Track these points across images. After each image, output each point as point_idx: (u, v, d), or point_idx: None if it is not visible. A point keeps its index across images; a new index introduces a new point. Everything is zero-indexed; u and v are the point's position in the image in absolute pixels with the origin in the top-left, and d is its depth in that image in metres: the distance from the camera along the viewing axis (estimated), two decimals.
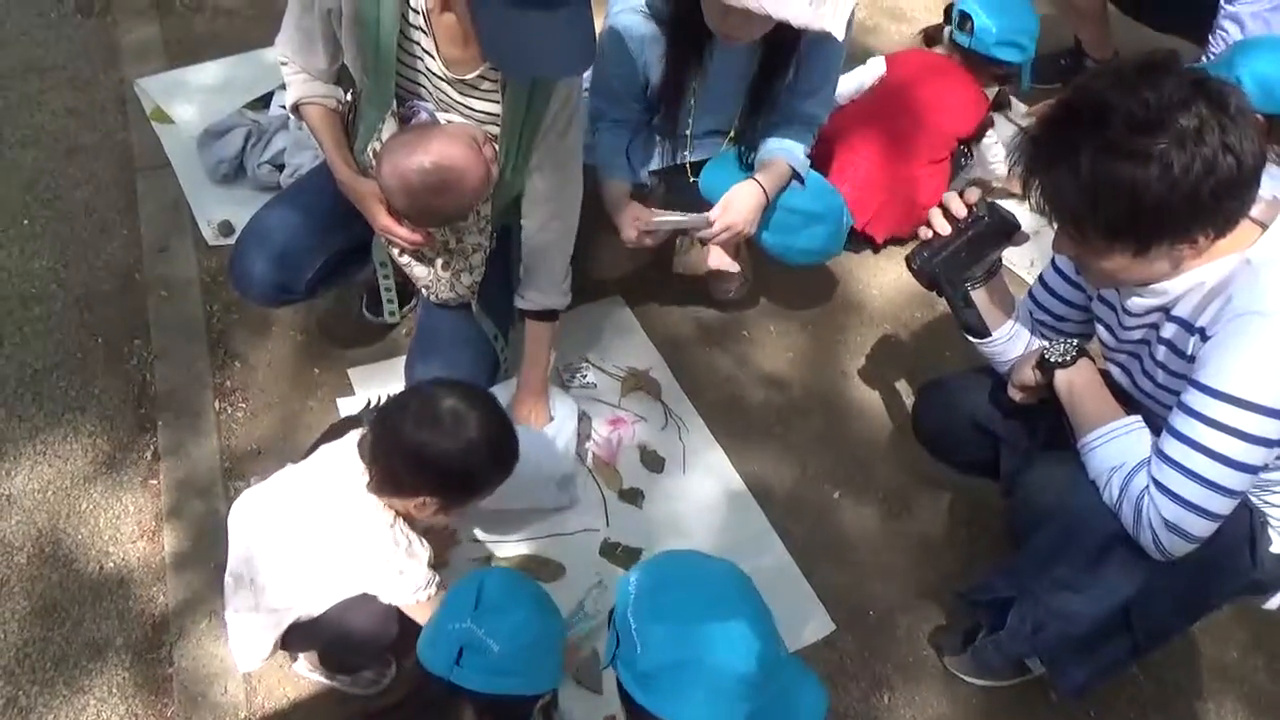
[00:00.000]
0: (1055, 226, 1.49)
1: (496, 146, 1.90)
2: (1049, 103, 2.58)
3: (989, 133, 2.85)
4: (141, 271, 2.60)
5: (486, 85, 1.88)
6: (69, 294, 2.55)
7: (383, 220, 1.95)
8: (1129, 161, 1.34)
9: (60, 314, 2.50)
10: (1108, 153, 1.35)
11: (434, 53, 1.86)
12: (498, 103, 1.90)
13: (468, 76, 1.87)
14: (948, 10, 2.87)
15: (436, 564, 1.72)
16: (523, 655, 1.45)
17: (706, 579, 1.35)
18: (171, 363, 2.39)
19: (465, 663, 1.42)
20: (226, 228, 2.69)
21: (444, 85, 1.90)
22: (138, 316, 2.50)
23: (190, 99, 3.08)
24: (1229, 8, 2.64)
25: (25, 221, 2.72)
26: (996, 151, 2.84)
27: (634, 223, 2.25)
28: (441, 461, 1.59)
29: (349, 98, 2.05)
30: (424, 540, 1.69)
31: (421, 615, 1.64)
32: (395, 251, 2.12)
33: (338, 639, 1.72)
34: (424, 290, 2.18)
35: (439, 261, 2.10)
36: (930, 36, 2.92)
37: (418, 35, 1.85)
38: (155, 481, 2.18)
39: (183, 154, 2.90)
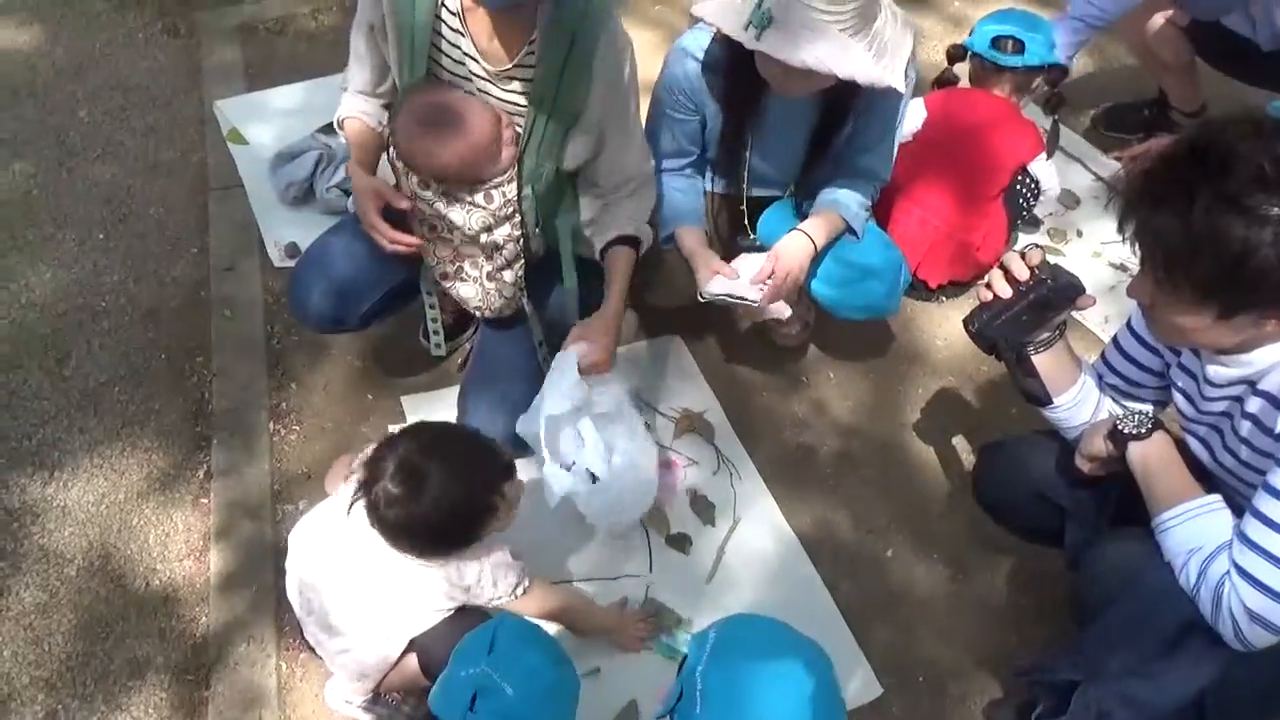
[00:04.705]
0: (1139, 269, 1.41)
1: (519, 130, 1.94)
2: (1160, 144, 2.53)
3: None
4: (208, 290, 2.65)
5: (522, 74, 1.90)
6: (137, 309, 2.60)
7: (371, 217, 1.96)
8: (1244, 218, 1.26)
9: (127, 329, 2.55)
10: (1225, 203, 1.27)
11: (474, 54, 1.89)
12: None
13: (505, 67, 1.89)
14: (951, 53, 2.86)
15: None
16: (537, 700, 1.43)
17: (783, 658, 1.35)
18: (230, 381, 2.42)
19: (479, 708, 1.40)
20: (293, 249, 2.72)
21: (487, 84, 1.93)
22: (201, 335, 2.53)
23: (266, 121, 3.14)
24: None
25: (100, 235, 2.79)
26: (1048, 170, 2.76)
27: (710, 272, 2.21)
28: (416, 530, 1.58)
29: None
30: (499, 541, 1.71)
31: (529, 608, 1.75)
32: (438, 274, 2.11)
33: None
34: (477, 311, 2.17)
35: (478, 272, 2.08)
36: (946, 81, 2.87)
37: (455, 37, 1.89)
38: (206, 500, 2.20)
39: (255, 175, 2.95)
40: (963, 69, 2.88)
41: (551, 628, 1.96)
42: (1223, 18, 2.79)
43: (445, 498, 1.56)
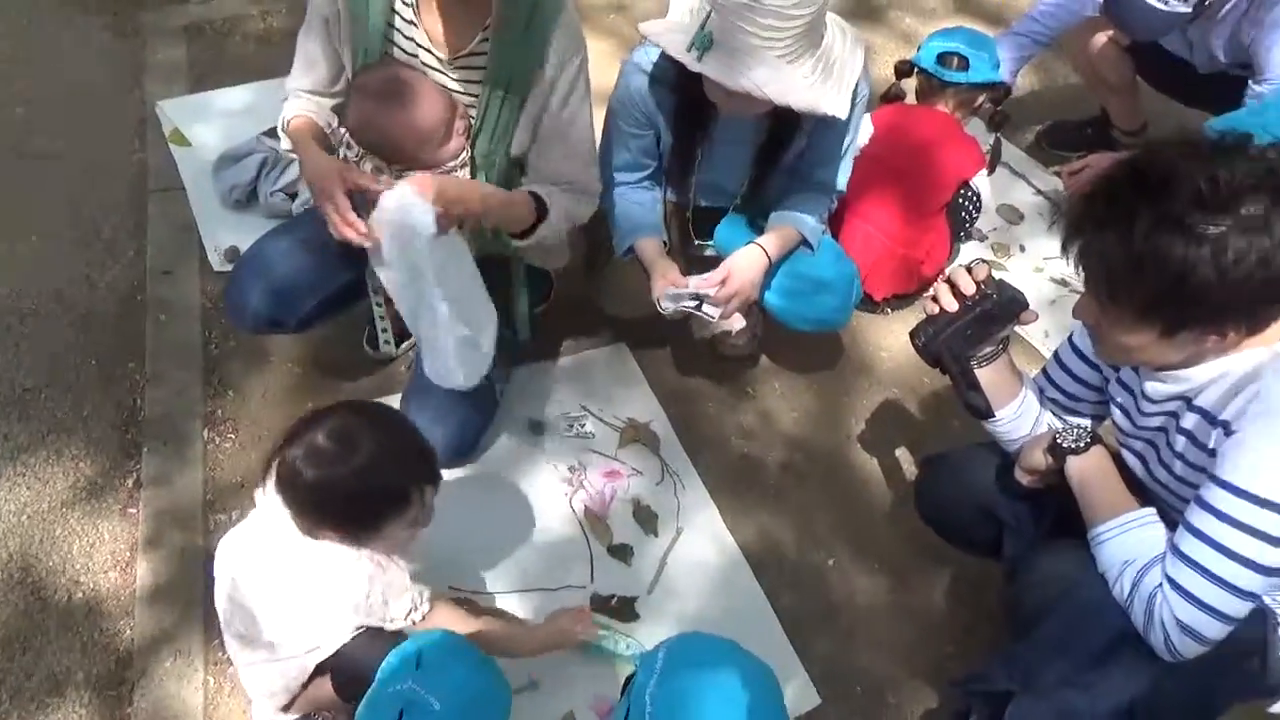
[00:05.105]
0: (1083, 290, 1.43)
1: (473, 119, 1.93)
2: (1101, 160, 2.57)
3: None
4: (144, 293, 2.58)
5: (476, 62, 1.90)
6: (69, 312, 2.53)
7: (336, 193, 1.84)
8: (1184, 237, 1.27)
9: (57, 332, 2.48)
10: (1166, 224, 1.28)
11: (427, 44, 1.90)
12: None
13: (458, 55, 1.90)
14: (899, 68, 2.89)
15: None
16: (466, 715, 1.42)
17: (733, 679, 1.37)
18: (163, 388, 2.36)
19: None
20: (234, 253, 2.67)
21: (440, 74, 1.93)
22: (135, 340, 2.47)
23: (210, 123, 3.08)
24: (1256, 87, 2.66)
25: (34, 237, 2.72)
26: (987, 185, 2.80)
27: (663, 283, 2.20)
28: (329, 493, 1.50)
29: None
30: (398, 559, 1.63)
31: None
32: (382, 274, 2.07)
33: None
34: None
35: None
36: (893, 96, 2.90)
37: (409, 29, 1.90)
38: (134, 510, 2.14)
39: (197, 178, 2.89)
40: (910, 84, 2.91)
41: None
42: (1161, 40, 2.85)
43: (371, 469, 1.50)
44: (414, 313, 1.95)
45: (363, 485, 1.51)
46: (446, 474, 2.15)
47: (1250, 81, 2.68)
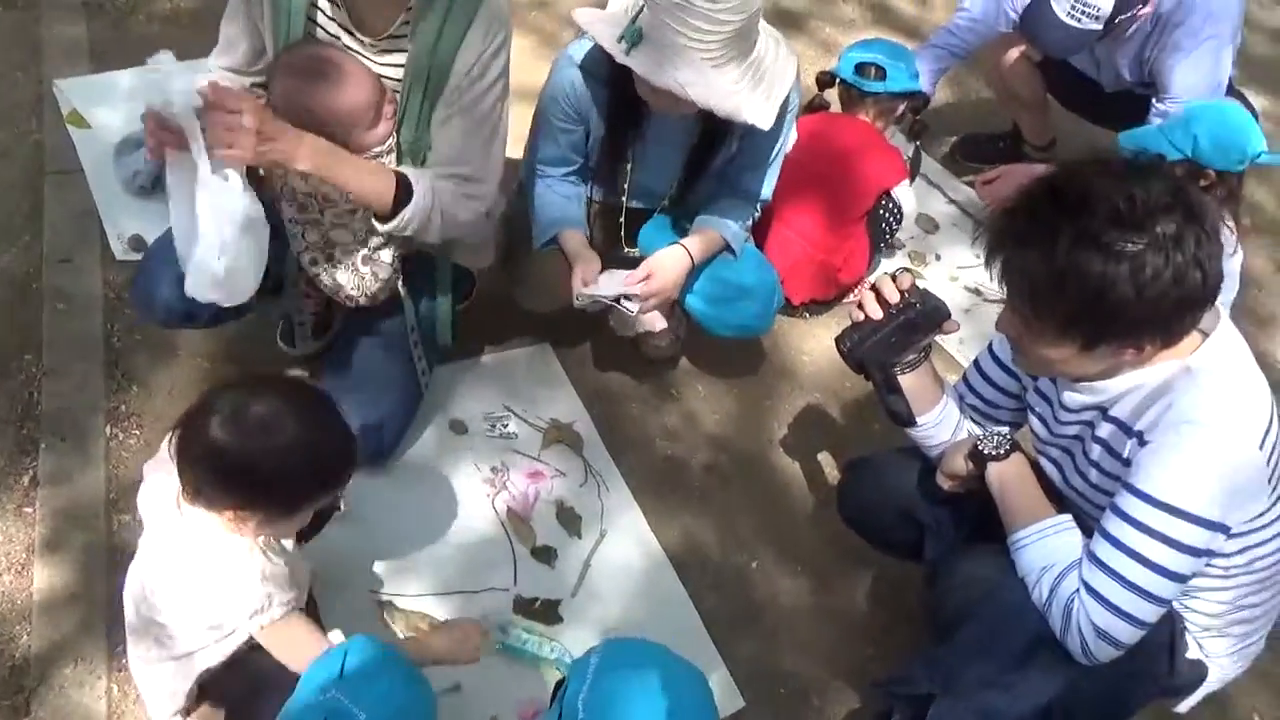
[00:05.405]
0: (1004, 306, 1.47)
1: (396, 105, 1.90)
2: (1014, 171, 2.66)
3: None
4: (40, 281, 2.45)
5: (399, 45, 1.86)
6: None
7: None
8: (1102, 255, 1.32)
9: None
10: (1085, 241, 1.33)
11: (350, 26, 1.87)
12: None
13: (381, 38, 1.87)
14: (820, 79, 2.94)
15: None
16: None
17: (664, 684, 1.37)
18: (62, 381, 2.23)
19: None
20: (137, 242, 2.54)
21: (364, 58, 1.89)
22: (31, 330, 2.33)
23: (112, 105, 2.93)
24: (1159, 106, 2.79)
25: None
26: (909, 194, 2.86)
27: (580, 277, 2.18)
28: (246, 470, 1.42)
29: None
30: (275, 555, 1.52)
31: (275, 646, 1.51)
32: (306, 259, 2.02)
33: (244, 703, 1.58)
34: (349, 301, 2.06)
35: (351, 256, 1.99)
36: (817, 106, 2.95)
37: (333, 10, 1.87)
38: (31, 510, 2.02)
39: (98, 162, 2.75)
40: (833, 95, 2.96)
41: None
42: (1070, 57, 2.95)
43: (300, 445, 1.43)
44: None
45: (286, 465, 1.43)
46: (365, 473, 2.13)
47: (1153, 100, 2.81)
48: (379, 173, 1.88)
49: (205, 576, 1.48)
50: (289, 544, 1.60)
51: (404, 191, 1.87)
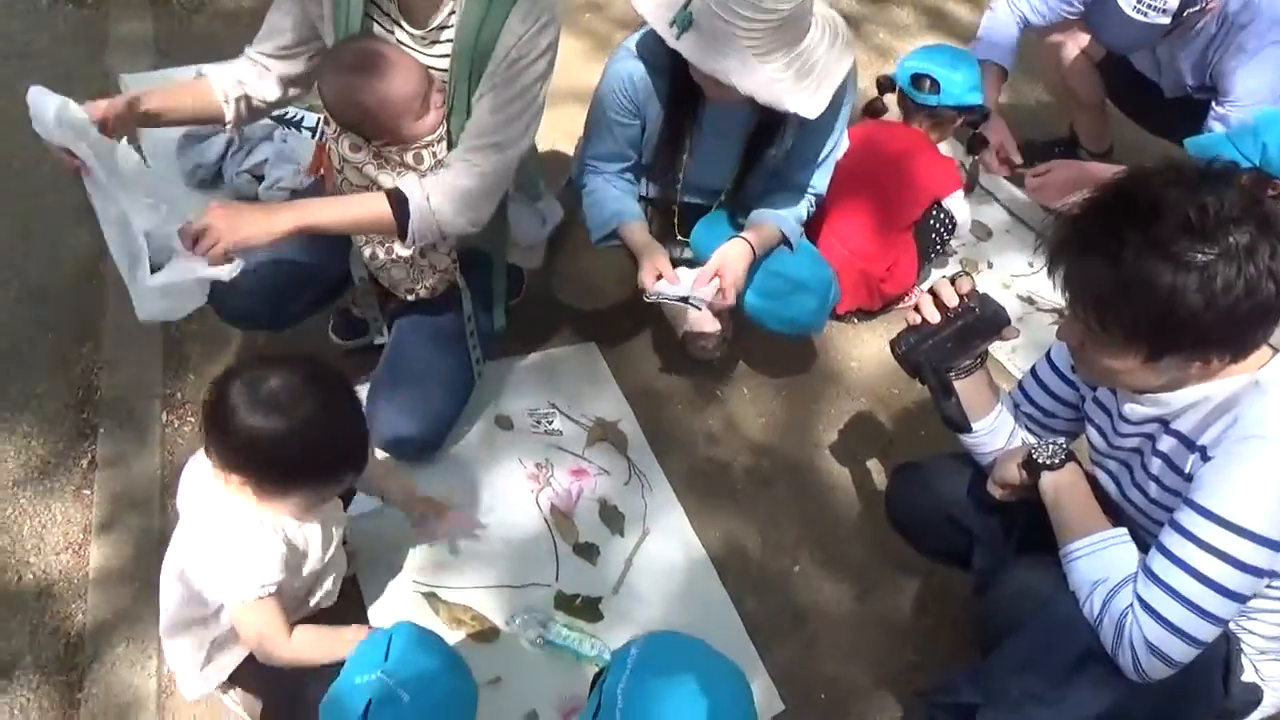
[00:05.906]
0: (1067, 313, 1.44)
1: (444, 95, 1.91)
2: (1064, 167, 2.61)
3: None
4: (105, 268, 2.51)
5: (447, 36, 1.88)
6: (24, 283, 2.46)
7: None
8: (1172, 264, 1.29)
9: (11, 304, 2.40)
10: (1154, 250, 1.29)
11: (400, 19, 1.89)
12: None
13: (429, 29, 1.88)
14: (880, 83, 2.89)
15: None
16: (434, 708, 1.40)
17: (702, 678, 1.36)
18: (122, 368, 2.29)
19: (374, 716, 1.36)
20: None
21: (414, 50, 1.91)
22: (93, 316, 2.40)
23: None
24: (1218, 109, 2.71)
25: None
26: (963, 206, 2.82)
27: (652, 271, 2.18)
28: (252, 442, 1.43)
29: None
30: (281, 533, 1.51)
31: (242, 624, 1.51)
32: (367, 254, 2.05)
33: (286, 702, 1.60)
34: (408, 294, 2.11)
35: (407, 250, 2.00)
36: (875, 110, 2.91)
37: (387, 5, 1.89)
38: (89, 492, 2.07)
39: (161, 156, 2.81)
40: (892, 99, 2.92)
41: (451, 636, 1.91)
42: (1131, 56, 2.89)
43: (313, 428, 1.44)
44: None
45: (303, 444, 1.44)
46: (414, 465, 2.16)
47: (1213, 103, 2.73)
48: (362, 200, 1.90)
49: (209, 537, 1.50)
50: (315, 529, 1.59)
51: (398, 205, 1.87)
